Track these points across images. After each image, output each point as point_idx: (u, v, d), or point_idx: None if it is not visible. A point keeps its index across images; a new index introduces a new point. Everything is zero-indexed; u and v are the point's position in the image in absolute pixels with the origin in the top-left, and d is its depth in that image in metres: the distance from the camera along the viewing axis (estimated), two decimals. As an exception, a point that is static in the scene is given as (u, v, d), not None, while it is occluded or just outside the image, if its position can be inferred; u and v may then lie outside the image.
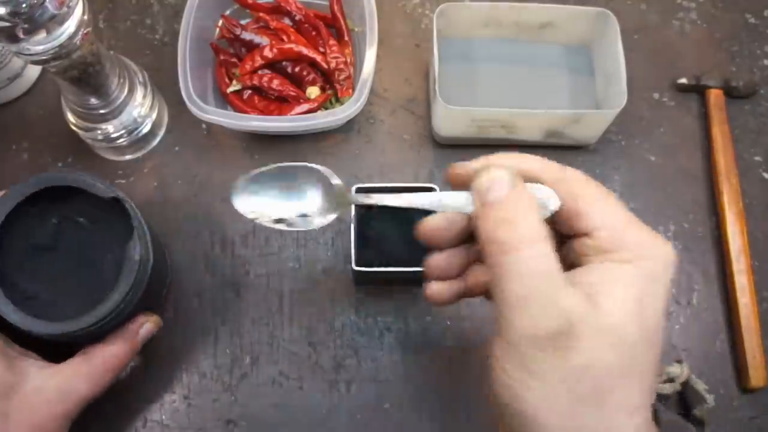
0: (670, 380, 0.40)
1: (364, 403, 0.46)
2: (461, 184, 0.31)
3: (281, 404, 0.46)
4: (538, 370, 0.26)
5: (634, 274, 0.28)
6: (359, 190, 0.44)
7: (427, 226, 0.33)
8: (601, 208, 0.30)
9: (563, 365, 0.26)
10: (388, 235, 0.47)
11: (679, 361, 0.40)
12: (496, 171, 0.29)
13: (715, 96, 0.54)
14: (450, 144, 0.53)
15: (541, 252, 0.27)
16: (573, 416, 0.26)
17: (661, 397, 0.40)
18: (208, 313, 0.48)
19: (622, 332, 0.26)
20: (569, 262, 0.30)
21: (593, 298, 0.27)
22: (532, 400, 0.26)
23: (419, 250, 0.47)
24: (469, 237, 0.32)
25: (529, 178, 0.30)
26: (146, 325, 0.41)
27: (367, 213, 0.47)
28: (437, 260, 0.33)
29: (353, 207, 0.44)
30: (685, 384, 0.40)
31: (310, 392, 0.46)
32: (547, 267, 0.27)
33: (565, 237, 0.31)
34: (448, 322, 0.48)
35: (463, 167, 0.32)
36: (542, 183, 0.30)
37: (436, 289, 0.34)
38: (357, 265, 0.43)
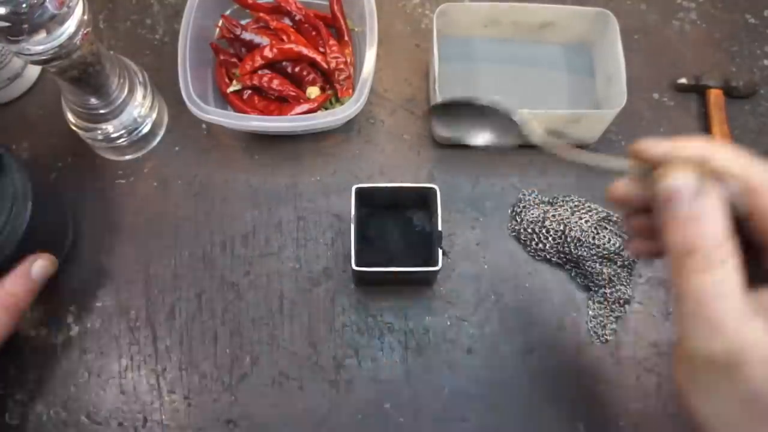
0: None
1: (364, 403, 0.46)
2: (644, 163, 0.30)
3: (281, 404, 0.46)
4: (711, 387, 0.27)
5: None
6: (359, 190, 0.44)
7: (617, 190, 0.33)
8: None
9: (735, 387, 0.26)
10: (387, 235, 0.47)
11: None
12: (681, 175, 0.27)
13: (715, 96, 0.54)
14: (450, 144, 0.53)
15: (721, 276, 0.26)
16: None
17: None
18: (208, 313, 0.48)
19: None
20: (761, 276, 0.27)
21: None
22: (705, 412, 0.27)
23: (418, 250, 0.48)
24: None
25: (717, 175, 0.28)
26: (39, 262, 0.41)
27: (367, 213, 0.47)
28: (636, 224, 0.33)
29: (353, 207, 0.44)
30: None
31: (310, 392, 0.46)
32: (725, 290, 0.26)
33: (757, 246, 0.28)
34: (448, 322, 0.48)
35: (647, 151, 0.30)
36: (731, 179, 0.28)
37: (636, 247, 0.34)
38: (357, 265, 0.43)
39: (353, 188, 0.43)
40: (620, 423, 0.45)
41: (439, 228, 0.43)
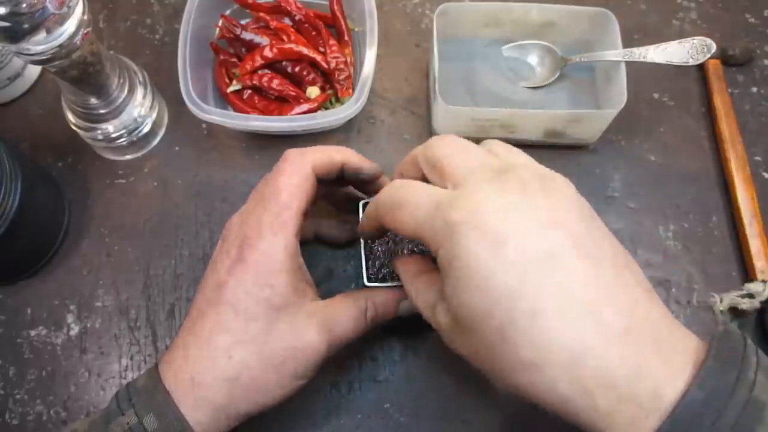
0: (750, 296, 0.38)
1: (365, 403, 0.46)
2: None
3: (281, 404, 0.46)
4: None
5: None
6: (366, 205, 0.42)
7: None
8: None
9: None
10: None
11: (765, 281, 0.39)
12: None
13: (713, 66, 0.55)
14: (450, 144, 0.53)
15: (413, 186, 0.33)
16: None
17: (737, 311, 0.38)
18: (208, 313, 0.48)
19: None
20: None
21: None
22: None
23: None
24: None
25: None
26: (406, 303, 0.40)
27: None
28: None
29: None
30: (765, 303, 0.38)
31: (310, 392, 0.46)
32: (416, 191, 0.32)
33: None
34: (448, 322, 0.48)
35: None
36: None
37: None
38: (369, 282, 0.41)
39: (360, 204, 0.42)
40: (620, 423, 0.45)
41: None
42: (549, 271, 0.26)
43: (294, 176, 0.37)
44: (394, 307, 0.40)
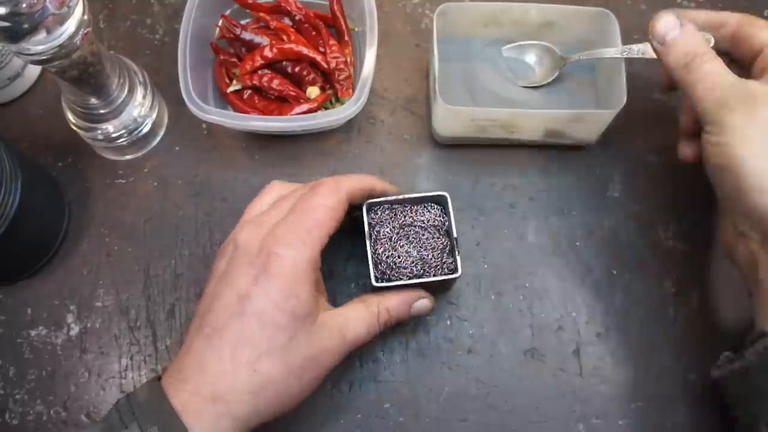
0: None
1: (365, 403, 0.46)
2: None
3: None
4: (734, 128, 0.37)
5: None
6: (371, 205, 0.43)
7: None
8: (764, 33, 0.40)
9: (751, 120, 0.37)
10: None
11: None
12: (665, 16, 0.40)
13: None
14: (450, 144, 0.53)
15: (715, 64, 0.38)
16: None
17: None
18: (208, 313, 0.48)
19: None
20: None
21: None
22: (734, 155, 0.37)
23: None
24: None
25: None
26: (423, 301, 0.42)
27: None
28: (684, 122, 0.47)
29: (366, 224, 0.42)
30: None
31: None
32: (721, 68, 0.38)
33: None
34: (449, 322, 0.48)
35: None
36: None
37: (683, 150, 0.47)
38: (378, 282, 0.41)
39: (364, 204, 0.42)
40: (620, 422, 0.45)
41: (455, 234, 0.42)
42: None
43: (329, 199, 0.38)
44: (406, 310, 0.42)
